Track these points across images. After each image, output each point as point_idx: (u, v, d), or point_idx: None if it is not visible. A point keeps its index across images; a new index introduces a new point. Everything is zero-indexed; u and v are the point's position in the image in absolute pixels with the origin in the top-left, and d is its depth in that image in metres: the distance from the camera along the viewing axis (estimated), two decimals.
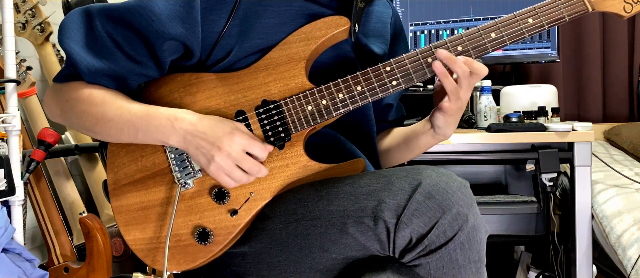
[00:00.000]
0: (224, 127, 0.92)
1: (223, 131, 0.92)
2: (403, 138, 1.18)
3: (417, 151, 1.16)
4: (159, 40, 0.95)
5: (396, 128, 1.24)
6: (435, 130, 1.07)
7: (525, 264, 2.12)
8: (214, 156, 0.91)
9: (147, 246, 0.99)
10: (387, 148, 1.21)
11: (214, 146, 0.91)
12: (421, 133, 1.11)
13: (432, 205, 0.81)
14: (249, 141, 0.92)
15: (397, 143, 1.19)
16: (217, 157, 0.91)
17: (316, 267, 0.91)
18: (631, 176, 1.84)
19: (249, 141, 0.92)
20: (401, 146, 1.18)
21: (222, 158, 0.91)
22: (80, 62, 0.96)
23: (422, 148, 1.15)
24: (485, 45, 0.97)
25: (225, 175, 0.92)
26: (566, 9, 0.98)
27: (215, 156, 0.91)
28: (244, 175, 0.93)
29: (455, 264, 0.82)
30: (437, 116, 1.03)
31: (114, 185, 1.02)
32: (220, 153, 0.91)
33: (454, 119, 1.04)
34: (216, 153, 0.91)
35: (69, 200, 1.82)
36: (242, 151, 0.91)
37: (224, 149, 0.90)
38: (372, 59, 1.09)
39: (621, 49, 2.50)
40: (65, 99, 1.00)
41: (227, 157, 0.91)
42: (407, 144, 1.17)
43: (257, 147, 0.92)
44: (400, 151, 1.19)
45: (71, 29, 0.97)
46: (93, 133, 1.00)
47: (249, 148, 0.92)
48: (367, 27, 1.11)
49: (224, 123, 0.93)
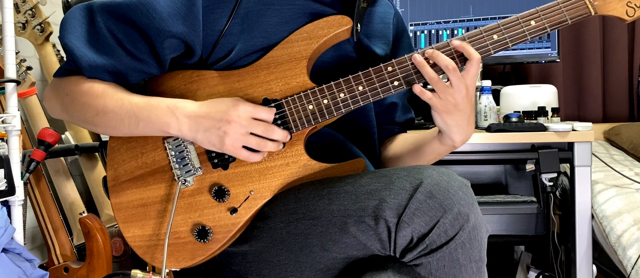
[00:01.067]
0: (226, 102, 0.93)
1: (226, 105, 0.92)
2: (414, 144, 1.14)
3: (427, 158, 1.11)
4: (160, 37, 0.95)
5: (406, 134, 1.21)
6: (441, 134, 1.03)
7: (525, 264, 2.12)
8: (226, 132, 0.91)
9: (146, 243, 0.99)
10: (397, 154, 1.18)
11: (223, 120, 0.91)
12: (430, 138, 1.07)
13: (433, 205, 0.81)
14: (254, 107, 0.92)
15: (408, 149, 1.15)
16: (229, 130, 0.91)
17: (317, 267, 0.91)
18: (631, 176, 1.84)
19: (253, 107, 0.92)
20: (412, 152, 1.14)
21: (234, 129, 0.91)
22: (81, 58, 0.96)
23: (432, 155, 1.10)
24: (488, 47, 0.97)
25: (243, 148, 0.92)
26: (569, 12, 0.97)
27: (227, 130, 0.91)
28: (260, 140, 0.93)
29: (456, 263, 0.82)
30: (433, 114, 0.99)
31: (113, 182, 1.02)
32: (230, 126, 0.91)
33: (454, 121, 0.98)
34: (227, 127, 0.91)
35: (69, 200, 1.81)
36: (250, 117, 0.92)
37: (234, 121, 0.90)
38: (373, 60, 1.09)
39: (621, 49, 2.50)
40: (65, 93, 1.01)
41: (239, 127, 0.91)
42: (416, 151, 1.12)
43: (263, 110, 0.93)
44: (411, 157, 1.15)
45: (73, 25, 0.97)
46: (93, 125, 1.00)
47: (256, 113, 0.92)
48: (369, 28, 1.11)
49: (223, 100, 0.94)
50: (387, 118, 1.21)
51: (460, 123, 0.99)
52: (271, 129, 0.93)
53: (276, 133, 0.93)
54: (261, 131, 0.92)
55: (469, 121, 0.99)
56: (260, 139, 0.93)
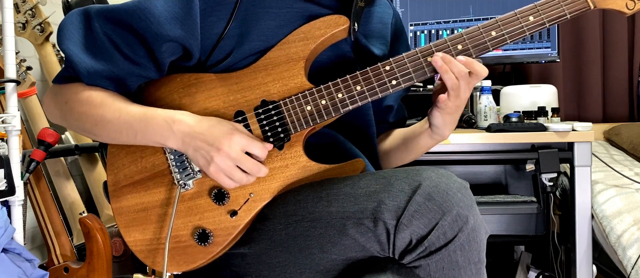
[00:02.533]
0: (222, 128, 0.92)
1: (221, 131, 0.91)
2: (402, 139, 1.17)
3: (416, 151, 1.16)
4: (158, 41, 0.95)
5: (396, 129, 1.24)
6: (432, 130, 1.07)
7: (525, 264, 2.12)
8: (213, 157, 0.91)
9: (147, 247, 0.99)
10: (387, 150, 1.21)
11: (213, 147, 0.91)
12: (419, 133, 1.11)
13: (432, 207, 0.81)
14: (248, 141, 0.92)
15: (397, 144, 1.19)
16: (216, 158, 0.91)
17: (316, 268, 0.91)
18: (631, 176, 1.84)
19: (248, 141, 0.92)
20: (400, 147, 1.18)
21: (221, 159, 0.91)
22: (79, 64, 0.96)
23: (421, 149, 1.15)
24: (486, 43, 0.97)
25: (225, 176, 0.92)
26: (567, 6, 0.97)
27: (215, 157, 0.91)
28: (244, 175, 0.92)
29: (455, 265, 0.82)
30: (435, 114, 1.03)
31: (114, 186, 1.02)
32: (219, 154, 0.90)
33: (452, 119, 1.03)
34: (215, 154, 0.91)
35: (69, 200, 1.81)
36: (242, 151, 0.91)
37: (223, 150, 0.90)
38: (371, 60, 1.08)
39: (621, 49, 2.50)
40: (64, 101, 1.00)
41: (227, 158, 0.91)
42: (405, 145, 1.16)
43: (257, 147, 0.92)
44: (399, 152, 1.19)
45: (70, 31, 0.97)
46: (92, 134, 1.00)
47: (249, 148, 0.92)
48: (367, 28, 1.11)
49: (222, 124, 0.93)
50: (382, 118, 1.22)
51: (455, 120, 1.05)
52: (257, 168, 0.93)
53: (262, 172, 0.94)
54: (248, 168, 0.92)
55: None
56: (244, 175, 0.92)
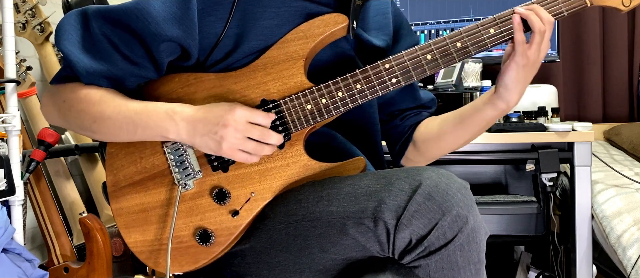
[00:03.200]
0: (222, 106, 0.93)
1: (222, 109, 0.92)
2: (457, 119, 1.12)
3: (475, 129, 1.10)
4: (156, 41, 0.95)
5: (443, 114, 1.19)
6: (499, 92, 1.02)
7: (525, 264, 2.12)
8: (222, 136, 0.91)
9: (148, 248, 0.99)
10: (437, 134, 1.15)
11: (219, 125, 0.91)
12: (480, 107, 1.06)
13: (432, 207, 0.81)
14: (251, 111, 0.92)
15: (450, 126, 1.13)
16: (226, 135, 0.91)
17: (316, 267, 0.91)
18: (631, 176, 1.84)
19: (250, 112, 0.92)
20: (456, 128, 1.12)
21: (231, 133, 0.91)
22: (78, 64, 0.96)
23: (481, 125, 1.09)
24: (485, 41, 0.97)
25: (240, 151, 0.92)
26: (565, 3, 0.98)
27: (224, 135, 0.91)
28: (258, 145, 0.93)
29: (454, 265, 0.82)
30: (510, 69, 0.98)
31: (113, 187, 1.02)
32: (226, 130, 0.90)
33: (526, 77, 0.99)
34: (223, 132, 0.91)
35: (69, 200, 1.81)
36: (247, 121, 0.92)
37: (230, 125, 0.90)
38: (374, 53, 1.09)
39: (621, 49, 2.50)
40: (62, 100, 1.00)
41: (236, 131, 0.91)
42: (463, 124, 1.11)
43: (260, 115, 0.93)
44: (454, 134, 1.13)
45: (68, 31, 0.97)
46: (91, 132, 1.00)
47: (252, 117, 0.92)
48: (366, 21, 1.11)
49: (220, 104, 0.94)
50: (412, 100, 1.20)
51: (527, 81, 1.01)
52: (267, 134, 0.93)
53: (272, 138, 0.93)
54: (257, 135, 0.92)
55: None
56: (257, 144, 0.93)
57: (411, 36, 1.20)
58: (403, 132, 1.21)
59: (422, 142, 1.19)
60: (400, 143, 1.21)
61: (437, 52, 0.97)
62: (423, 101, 1.22)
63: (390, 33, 1.15)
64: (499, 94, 1.02)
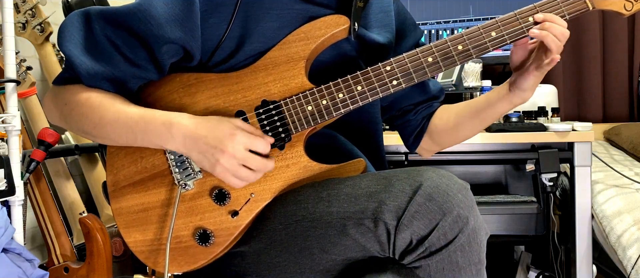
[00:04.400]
0: (224, 128, 0.92)
1: (223, 133, 0.91)
2: (473, 111, 1.15)
3: (490, 120, 1.15)
4: (158, 43, 0.95)
5: (454, 105, 1.22)
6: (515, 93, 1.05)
7: (525, 264, 2.12)
8: (218, 160, 0.90)
9: (148, 248, 0.99)
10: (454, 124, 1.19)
11: (217, 149, 0.90)
12: (496, 101, 1.09)
13: (433, 207, 0.81)
14: (251, 140, 0.92)
15: (465, 116, 1.17)
16: (222, 160, 0.90)
17: (316, 268, 0.91)
18: (631, 176, 1.84)
19: (251, 140, 0.92)
20: (473, 119, 1.15)
21: (226, 159, 0.90)
22: (80, 66, 0.96)
23: (494, 118, 1.14)
24: (486, 44, 0.97)
25: (232, 176, 0.92)
26: (566, 7, 0.98)
27: (220, 159, 0.90)
28: (251, 173, 0.92)
29: (455, 266, 0.82)
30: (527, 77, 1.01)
31: (113, 187, 1.02)
32: (224, 156, 0.90)
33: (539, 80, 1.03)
34: (220, 156, 0.90)
35: (69, 200, 1.81)
36: (246, 150, 0.91)
37: (228, 151, 0.90)
38: (377, 50, 1.09)
39: (621, 49, 2.50)
40: (64, 103, 1.00)
41: (232, 158, 0.90)
42: (478, 115, 1.14)
43: (260, 143, 0.92)
44: (469, 124, 1.17)
45: (70, 32, 0.97)
46: (92, 136, 1.00)
47: (252, 145, 0.92)
48: (368, 18, 1.11)
49: (223, 124, 0.93)
50: (423, 94, 1.21)
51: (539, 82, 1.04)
52: (264, 164, 0.93)
53: (268, 167, 0.94)
54: (255, 166, 0.92)
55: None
56: (251, 172, 0.92)
57: (415, 32, 1.21)
58: (417, 125, 1.23)
59: (438, 133, 1.22)
60: (414, 135, 1.24)
61: (438, 55, 0.97)
62: (433, 93, 1.23)
63: (393, 30, 1.15)
64: (515, 93, 1.05)
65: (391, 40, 1.14)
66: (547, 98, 1.93)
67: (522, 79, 1.02)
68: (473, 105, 1.15)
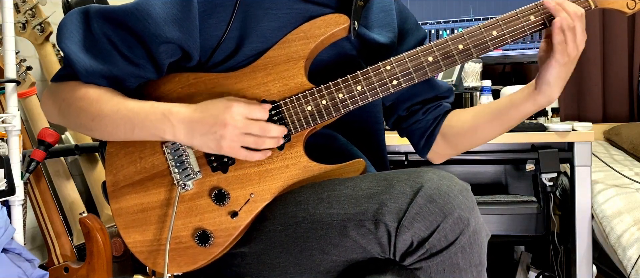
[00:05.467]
0: (218, 104, 0.92)
1: (218, 108, 0.92)
2: (495, 112, 1.11)
3: (511, 123, 1.10)
4: (155, 43, 0.95)
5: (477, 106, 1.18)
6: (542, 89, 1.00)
7: (525, 264, 2.12)
8: (222, 135, 0.91)
9: (147, 248, 0.99)
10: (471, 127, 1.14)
11: (218, 124, 0.91)
12: (520, 102, 1.05)
13: (434, 209, 0.81)
14: (248, 107, 0.92)
15: (486, 119, 1.12)
16: (225, 133, 0.90)
17: (316, 269, 0.91)
18: (631, 176, 1.84)
19: (247, 107, 0.92)
20: (493, 121, 1.11)
21: (230, 131, 0.90)
22: (78, 63, 0.96)
23: (517, 120, 1.09)
24: (487, 43, 0.97)
25: (241, 148, 0.92)
26: None
27: (224, 133, 0.90)
28: (258, 139, 0.92)
29: (456, 268, 0.82)
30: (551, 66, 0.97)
31: (113, 187, 1.02)
32: (226, 129, 0.90)
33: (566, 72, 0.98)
34: (223, 131, 0.90)
35: (69, 200, 1.81)
36: (245, 117, 0.91)
37: (229, 124, 0.90)
38: (378, 50, 1.08)
39: (621, 49, 2.50)
40: (62, 98, 1.01)
41: (235, 128, 0.90)
42: (500, 118, 1.10)
43: (257, 109, 0.93)
44: (490, 126, 1.12)
45: (69, 30, 0.97)
46: (90, 130, 1.00)
47: (250, 113, 0.92)
48: (369, 18, 1.10)
49: (215, 102, 0.93)
50: (431, 90, 1.18)
51: (567, 76, 1.00)
52: (267, 127, 0.93)
53: (273, 130, 0.93)
54: (257, 130, 0.92)
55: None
56: (258, 138, 0.93)
57: (418, 31, 1.19)
58: (427, 126, 1.18)
59: (454, 136, 1.17)
60: (425, 138, 1.19)
61: (438, 54, 0.97)
62: (442, 91, 1.19)
63: (394, 30, 1.15)
64: (540, 90, 1.01)
65: (393, 40, 1.13)
66: None
67: (547, 72, 0.98)
68: (494, 106, 1.11)
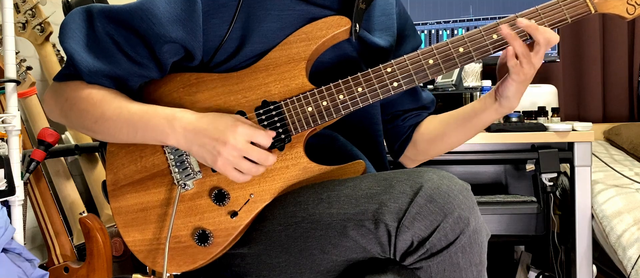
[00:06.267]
0: (225, 121, 0.92)
1: (224, 125, 0.91)
2: (460, 120, 1.14)
3: (477, 129, 1.14)
4: (159, 42, 0.95)
5: (443, 114, 1.21)
6: (501, 102, 1.05)
7: (525, 264, 2.12)
8: (220, 152, 0.90)
9: (146, 247, 0.99)
10: (439, 134, 1.18)
11: (219, 141, 0.90)
12: (483, 110, 1.09)
13: (434, 209, 0.81)
14: (252, 131, 0.92)
15: (453, 125, 1.16)
16: (223, 152, 0.90)
17: (317, 269, 0.91)
18: (631, 176, 1.84)
19: (252, 131, 0.92)
20: (459, 128, 1.15)
21: (228, 151, 0.90)
22: (81, 63, 0.96)
23: (483, 126, 1.13)
24: (487, 46, 0.97)
25: (234, 169, 0.92)
26: (568, 10, 0.98)
27: (222, 151, 0.90)
28: (253, 166, 0.92)
29: (456, 267, 0.82)
30: (508, 84, 1.01)
31: (113, 186, 1.02)
32: (225, 147, 0.90)
33: (524, 87, 1.02)
34: (222, 148, 0.90)
35: (69, 200, 1.81)
36: (247, 141, 0.91)
37: (229, 143, 0.90)
38: (378, 53, 1.09)
39: (621, 49, 2.50)
40: (64, 98, 1.00)
41: (233, 149, 0.90)
42: (465, 125, 1.14)
43: (261, 135, 0.92)
44: (457, 132, 1.16)
45: (72, 29, 0.97)
46: (92, 132, 1.00)
47: (253, 137, 0.92)
48: (370, 22, 1.11)
49: (223, 117, 0.93)
50: (414, 102, 1.21)
51: (525, 89, 1.03)
52: (267, 158, 0.93)
53: (270, 160, 0.93)
54: (256, 157, 0.92)
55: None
56: (252, 165, 0.92)
57: (414, 37, 1.21)
58: (403, 132, 1.22)
59: (423, 142, 1.21)
60: (399, 142, 1.23)
61: (439, 57, 0.97)
62: (424, 102, 1.23)
63: (394, 34, 1.15)
64: (501, 103, 1.05)
65: (392, 43, 1.14)
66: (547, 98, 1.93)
67: (505, 89, 1.02)
68: (460, 114, 1.15)
